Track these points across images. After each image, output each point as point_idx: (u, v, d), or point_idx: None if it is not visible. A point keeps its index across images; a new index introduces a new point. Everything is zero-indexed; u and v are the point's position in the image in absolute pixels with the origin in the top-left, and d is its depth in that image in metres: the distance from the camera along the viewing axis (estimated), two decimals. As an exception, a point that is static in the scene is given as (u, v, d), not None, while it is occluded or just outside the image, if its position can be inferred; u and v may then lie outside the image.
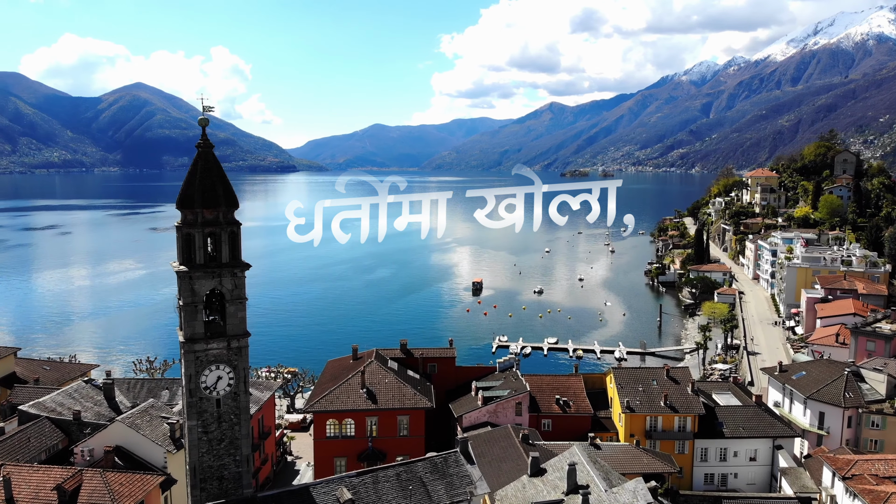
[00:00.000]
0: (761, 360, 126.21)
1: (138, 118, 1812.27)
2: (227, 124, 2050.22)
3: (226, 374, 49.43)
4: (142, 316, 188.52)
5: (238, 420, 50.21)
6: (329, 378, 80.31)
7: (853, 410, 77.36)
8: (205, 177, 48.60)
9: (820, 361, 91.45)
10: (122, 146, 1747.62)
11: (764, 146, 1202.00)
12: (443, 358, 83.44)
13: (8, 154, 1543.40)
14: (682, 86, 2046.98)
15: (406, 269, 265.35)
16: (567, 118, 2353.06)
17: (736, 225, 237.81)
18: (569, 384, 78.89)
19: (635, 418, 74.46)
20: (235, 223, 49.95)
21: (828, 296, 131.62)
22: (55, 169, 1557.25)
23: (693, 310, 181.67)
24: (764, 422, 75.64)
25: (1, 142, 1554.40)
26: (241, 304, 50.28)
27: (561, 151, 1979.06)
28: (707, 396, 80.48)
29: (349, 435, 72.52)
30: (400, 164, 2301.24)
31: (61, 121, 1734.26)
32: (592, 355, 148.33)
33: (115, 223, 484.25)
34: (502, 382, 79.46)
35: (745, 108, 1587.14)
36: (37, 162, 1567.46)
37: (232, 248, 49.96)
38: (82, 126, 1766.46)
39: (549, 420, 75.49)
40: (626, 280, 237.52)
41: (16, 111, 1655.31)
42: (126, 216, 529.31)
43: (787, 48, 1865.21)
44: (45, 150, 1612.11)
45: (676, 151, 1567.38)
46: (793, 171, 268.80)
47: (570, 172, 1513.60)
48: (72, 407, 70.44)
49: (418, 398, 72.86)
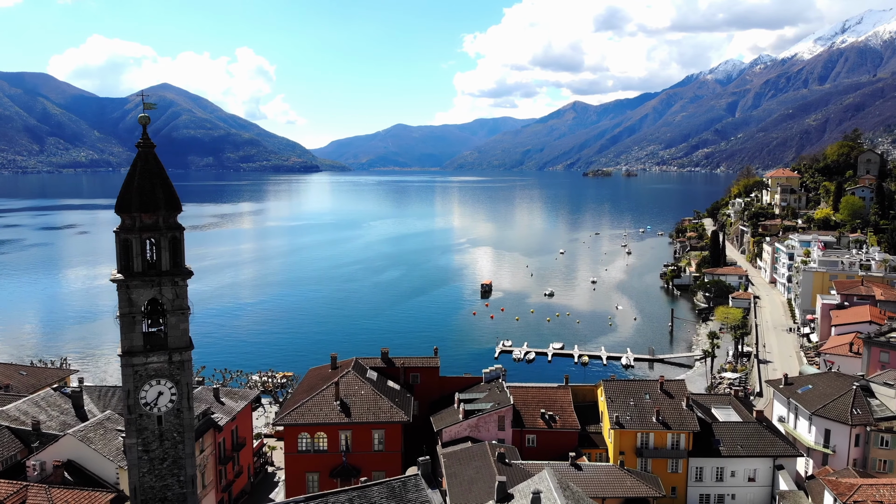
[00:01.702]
0: (772, 368, 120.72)
1: (164, 118, 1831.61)
2: (252, 125, 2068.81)
3: (167, 390, 46.21)
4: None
5: (182, 438, 47.00)
6: (305, 388, 76.93)
7: (861, 428, 72.28)
8: (144, 179, 45.32)
9: (828, 374, 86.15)
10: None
11: (790, 146, 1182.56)
12: (426, 368, 79.54)
13: (36, 154, 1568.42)
14: (707, 84, 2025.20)
15: (416, 270, 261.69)
16: (590, 117, 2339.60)
17: (754, 226, 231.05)
18: (556, 397, 74.58)
19: (625, 434, 70.04)
20: (177, 228, 46.49)
21: (844, 302, 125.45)
22: (82, 168, 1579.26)
23: (707, 315, 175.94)
24: (764, 440, 70.88)
25: (29, 141, 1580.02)
26: (182, 315, 46.98)
27: (584, 151, 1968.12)
28: (706, 411, 75.89)
29: (322, 449, 68.99)
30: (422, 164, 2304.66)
31: (88, 121, 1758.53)
32: (598, 362, 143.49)
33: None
34: (487, 394, 75.47)
35: (772, 107, 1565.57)
36: (64, 161, 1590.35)
37: (173, 255, 46.54)
38: (109, 126, 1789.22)
39: (534, 435, 71.28)
40: (640, 283, 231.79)
41: (44, 111, 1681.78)
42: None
43: (815, 46, 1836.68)
44: (72, 149, 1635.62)
45: (701, 151, 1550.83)
46: (815, 171, 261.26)
47: (593, 172, 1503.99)
48: (37, 416, 67.84)
49: (394, 411, 69.11)
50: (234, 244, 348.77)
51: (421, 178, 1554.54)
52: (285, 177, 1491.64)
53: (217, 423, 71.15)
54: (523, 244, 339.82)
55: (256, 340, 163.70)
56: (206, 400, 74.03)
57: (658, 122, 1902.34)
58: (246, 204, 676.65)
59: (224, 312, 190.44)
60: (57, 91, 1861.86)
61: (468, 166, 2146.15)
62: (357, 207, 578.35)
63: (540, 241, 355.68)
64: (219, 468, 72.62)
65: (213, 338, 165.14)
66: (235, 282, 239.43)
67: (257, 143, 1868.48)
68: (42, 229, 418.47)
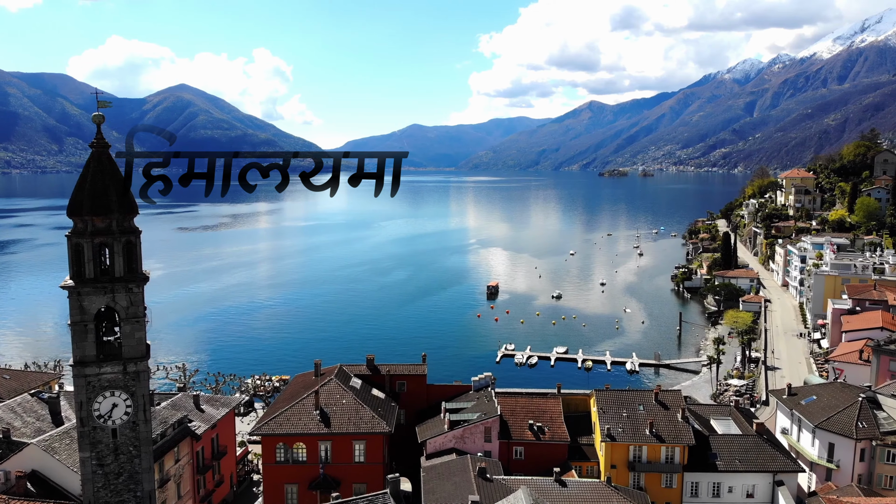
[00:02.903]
0: (780, 375, 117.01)
1: (182, 119, 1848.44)
2: (269, 125, 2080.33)
3: (122, 402, 44.11)
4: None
5: (138, 452, 44.88)
6: (287, 396, 74.61)
7: (866, 442, 68.82)
8: (96, 180, 43.37)
9: (833, 385, 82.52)
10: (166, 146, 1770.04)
11: (809, 146, 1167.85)
12: (413, 375, 76.84)
13: (55, 154, 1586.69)
14: (725, 84, 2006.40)
15: (423, 271, 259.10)
16: (607, 117, 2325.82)
17: (767, 228, 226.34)
18: (546, 407, 71.67)
19: (617, 448, 67.01)
20: (132, 232, 44.27)
21: (855, 307, 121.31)
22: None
23: (716, 318, 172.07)
24: (764, 454, 67.54)
25: (48, 141, 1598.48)
26: (138, 324, 44.68)
27: (600, 151, 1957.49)
28: (704, 422, 72.65)
29: (301, 460, 66.56)
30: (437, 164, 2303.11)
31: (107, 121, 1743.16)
32: (602, 367, 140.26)
33: (147, 222, 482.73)
34: (474, 404, 72.68)
35: (790, 106, 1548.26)
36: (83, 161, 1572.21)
37: (128, 261, 44.33)
38: (128, 126, 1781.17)
39: (522, 448, 68.41)
40: (650, 285, 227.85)
41: (63, 112, 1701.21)
42: (159, 215, 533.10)
43: (834, 46, 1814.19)
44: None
45: (719, 151, 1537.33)
46: (830, 171, 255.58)
47: (609, 172, 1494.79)
48: (11, 422, 66.17)
49: (376, 422, 66.53)
50: (242, 244, 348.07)
51: (435, 178, 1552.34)
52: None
53: (194, 432, 69.06)
54: (534, 245, 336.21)
55: (256, 343, 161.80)
56: (184, 407, 72.00)
57: (675, 121, 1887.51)
58: (261, 204, 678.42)
59: (225, 313, 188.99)
60: (76, 92, 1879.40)
61: (483, 166, 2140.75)
62: (368, 208, 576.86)
63: (551, 241, 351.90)
64: (197, 478, 70.50)
65: (213, 339, 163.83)
66: (239, 283, 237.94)
67: (274, 143, 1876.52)
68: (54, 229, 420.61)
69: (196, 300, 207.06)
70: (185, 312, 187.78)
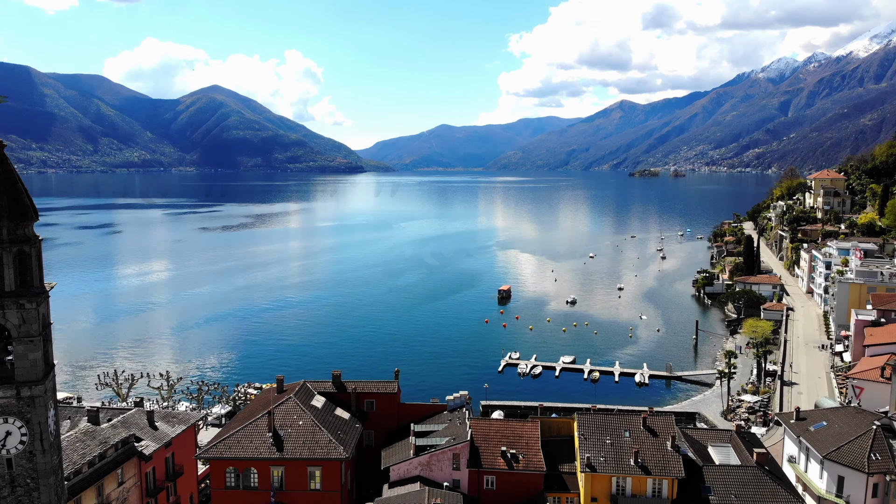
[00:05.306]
0: (797, 392, 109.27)
1: (214, 119, 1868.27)
2: (300, 126, 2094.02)
3: (16, 429, 39.52)
4: (142, 323, 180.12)
5: (36, 485, 40.13)
6: (245, 414, 69.46)
7: (880, 477, 61.52)
8: (-21, 182, 38.39)
9: (846, 409, 75.00)
10: (199, 147, 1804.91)
11: (845, 146, 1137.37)
12: (382, 394, 71.12)
13: (90, 154, 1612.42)
14: (759, 83, 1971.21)
15: (435, 273, 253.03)
16: (638, 117, 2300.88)
17: (794, 231, 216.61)
18: (522, 432, 65.39)
19: (598, 479, 60.59)
20: (27, 240, 39.18)
21: (880, 318, 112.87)
22: (135, 168, 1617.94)
23: (735, 327, 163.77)
24: (763, 488, 60.52)
25: (84, 142, 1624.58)
26: (32, 344, 39.62)
27: (631, 151, 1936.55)
28: (700, 450, 65.98)
29: (252, 486, 61.36)
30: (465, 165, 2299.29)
31: (141, 122, 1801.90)
32: (610, 378, 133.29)
33: (169, 222, 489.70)
34: (446, 426, 66.81)
35: (826, 106, 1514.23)
36: (117, 161, 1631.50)
37: (21, 273, 39.30)
38: (161, 127, 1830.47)
39: (493, 477, 62.29)
40: (670, 291, 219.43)
41: (98, 112, 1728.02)
42: (182, 215, 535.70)
43: (871, 44, 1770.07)
44: (125, 150, 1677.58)
45: (752, 151, 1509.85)
46: (862, 172, 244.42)
47: (640, 172, 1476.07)
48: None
49: (332, 447, 60.98)
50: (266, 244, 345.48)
51: (463, 178, 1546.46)
52: (331, 177, 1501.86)
53: (141, 452, 64.22)
54: (554, 247, 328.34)
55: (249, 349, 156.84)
56: (135, 425, 67.24)
57: (708, 121, 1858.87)
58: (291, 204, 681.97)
59: (224, 318, 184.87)
60: (111, 93, 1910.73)
61: (512, 166, 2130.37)
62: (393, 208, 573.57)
63: (572, 244, 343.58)
64: (146, 500, 65.67)
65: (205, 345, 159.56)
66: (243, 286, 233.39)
67: (304, 143, 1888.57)
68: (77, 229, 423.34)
69: (196, 301, 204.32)
70: (184, 316, 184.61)
